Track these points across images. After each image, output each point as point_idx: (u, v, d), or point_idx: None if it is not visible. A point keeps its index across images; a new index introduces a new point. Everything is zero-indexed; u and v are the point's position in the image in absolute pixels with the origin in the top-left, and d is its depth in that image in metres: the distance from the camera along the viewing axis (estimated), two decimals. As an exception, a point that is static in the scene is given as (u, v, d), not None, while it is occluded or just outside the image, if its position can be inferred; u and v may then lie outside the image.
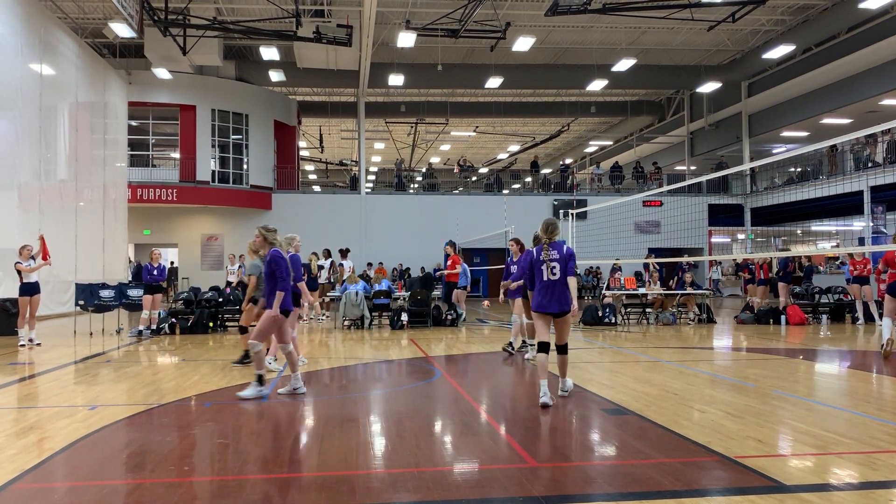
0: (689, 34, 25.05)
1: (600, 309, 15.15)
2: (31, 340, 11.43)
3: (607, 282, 17.13)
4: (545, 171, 37.12)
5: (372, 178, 47.88)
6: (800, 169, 27.97)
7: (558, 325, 6.56)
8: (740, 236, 30.97)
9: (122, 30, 19.63)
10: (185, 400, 6.72)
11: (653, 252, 22.59)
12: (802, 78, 25.13)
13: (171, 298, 17.19)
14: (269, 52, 23.68)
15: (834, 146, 23.69)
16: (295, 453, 4.91)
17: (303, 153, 37.96)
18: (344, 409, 6.37)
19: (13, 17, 15.48)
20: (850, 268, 15.10)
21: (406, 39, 21.25)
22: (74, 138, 19.05)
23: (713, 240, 30.21)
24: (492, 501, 3.82)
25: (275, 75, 26.38)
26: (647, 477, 4.18)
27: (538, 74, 28.54)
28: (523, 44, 22.31)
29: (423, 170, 33.99)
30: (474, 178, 37.63)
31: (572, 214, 15.47)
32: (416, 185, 34.02)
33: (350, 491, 3.96)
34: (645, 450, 4.80)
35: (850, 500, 3.75)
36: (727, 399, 6.59)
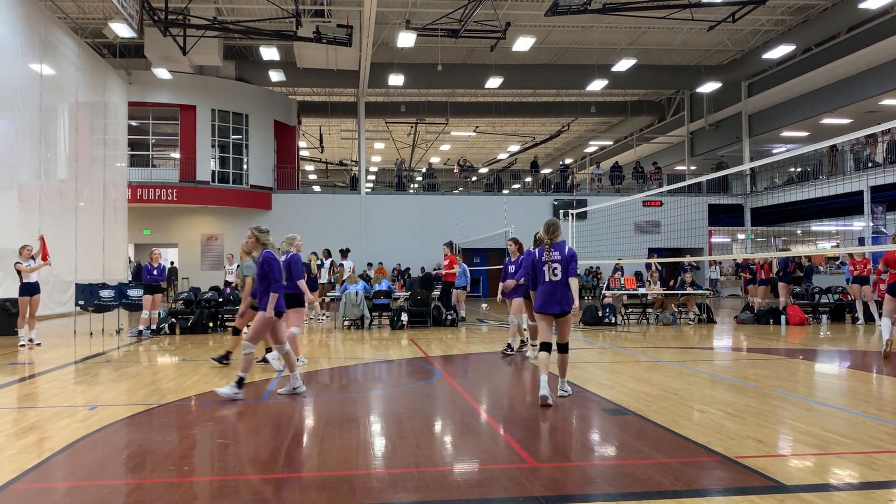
0: (689, 34, 25.05)
1: (600, 309, 15.15)
2: (31, 340, 11.43)
3: (607, 282, 17.13)
4: (545, 171, 37.10)
5: (372, 178, 47.87)
6: (800, 169, 27.96)
7: (559, 325, 6.59)
8: (740, 236, 30.97)
9: (122, 30, 19.63)
10: (185, 400, 6.72)
11: (655, 252, 22.61)
12: (802, 78, 25.13)
13: (171, 298, 17.20)
14: (269, 52, 23.68)
15: (834, 146, 23.68)
16: (295, 453, 4.91)
17: (303, 153, 37.95)
18: (344, 409, 6.37)
19: (13, 17, 15.48)
20: (850, 268, 15.10)
21: (406, 39, 21.25)
22: (74, 138, 19.04)
23: (713, 240, 30.20)
24: (492, 501, 3.82)
25: (275, 75, 26.38)
26: (647, 477, 4.18)
27: (538, 74, 28.53)
28: (523, 44, 22.31)
29: (423, 170, 33.97)
30: (474, 178, 37.63)
31: (572, 214, 15.46)
32: (416, 185, 34.00)
33: (350, 491, 3.96)
34: (645, 450, 4.80)
35: (850, 500, 3.75)
36: (727, 399, 6.59)
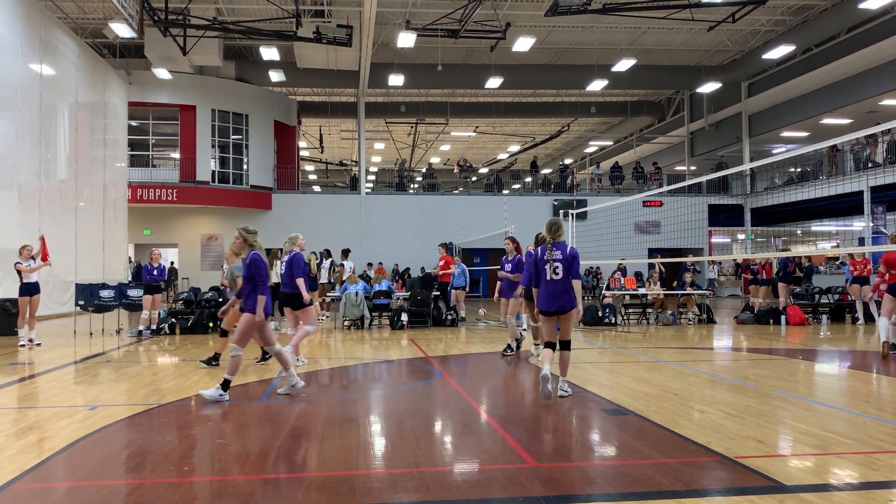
0: (689, 34, 25.05)
1: (600, 309, 15.15)
2: (31, 340, 11.43)
3: (607, 282, 17.13)
4: (545, 172, 37.10)
5: (372, 178, 47.87)
6: (800, 169, 27.96)
7: (561, 322, 6.63)
8: (740, 236, 30.97)
9: (122, 30, 19.63)
10: (185, 400, 6.72)
11: (658, 252, 22.60)
12: (802, 78, 25.13)
13: (171, 299, 17.19)
14: (269, 53, 23.69)
15: (834, 146, 23.68)
16: (295, 453, 4.91)
17: (303, 153, 37.95)
18: (344, 410, 6.37)
19: (13, 17, 15.48)
20: (850, 268, 15.08)
21: (406, 40, 21.25)
22: (74, 138, 19.04)
23: (713, 240, 30.20)
24: (492, 501, 3.82)
25: (275, 75, 26.39)
26: (647, 477, 4.18)
27: (538, 75, 28.54)
28: (523, 44, 22.31)
29: (423, 170, 33.97)
30: (474, 179, 37.63)
31: (572, 214, 15.46)
32: (416, 186, 34.00)
33: (350, 491, 3.96)
34: (645, 450, 4.80)
35: (850, 500, 3.75)
36: (727, 399, 6.59)
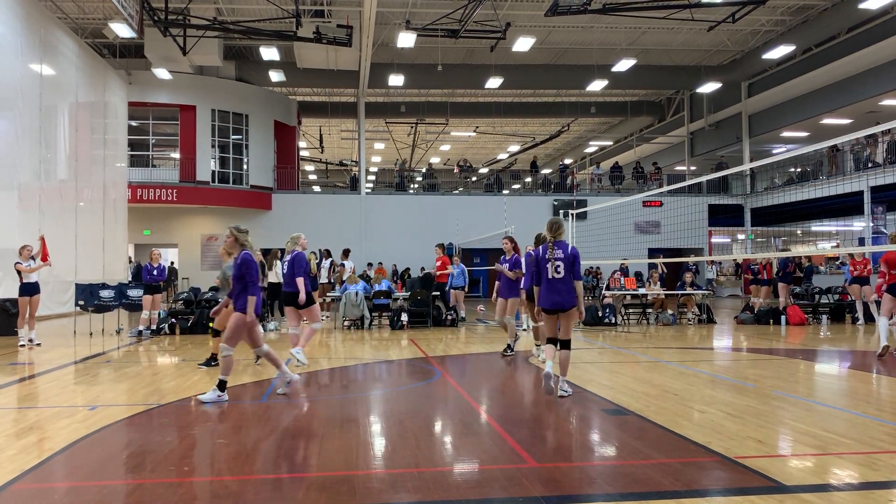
0: (689, 34, 25.05)
1: (600, 309, 15.15)
2: (30, 340, 11.43)
3: (607, 282, 17.13)
4: (545, 172, 37.11)
5: (372, 178, 47.87)
6: (800, 169, 27.96)
7: (561, 320, 6.64)
8: (740, 236, 30.97)
9: (122, 30, 19.63)
10: (185, 400, 6.72)
11: (660, 252, 22.59)
12: (802, 78, 25.12)
13: (171, 299, 17.19)
14: (269, 53, 23.68)
15: (834, 146, 23.68)
16: (295, 453, 4.91)
17: (303, 153, 37.95)
18: (344, 410, 6.37)
19: (13, 17, 15.48)
20: (850, 268, 15.08)
21: (406, 40, 21.25)
22: (74, 138, 19.04)
23: (713, 240, 30.20)
24: (492, 501, 3.82)
25: (275, 75, 26.38)
26: (647, 477, 4.18)
27: (538, 75, 28.53)
28: (523, 44, 22.30)
29: (423, 170, 33.98)
30: (474, 179, 37.61)
31: (572, 215, 15.46)
32: (416, 186, 34.01)
33: (350, 491, 3.96)
34: (645, 450, 4.80)
35: (850, 501, 3.75)
36: (727, 399, 6.59)
